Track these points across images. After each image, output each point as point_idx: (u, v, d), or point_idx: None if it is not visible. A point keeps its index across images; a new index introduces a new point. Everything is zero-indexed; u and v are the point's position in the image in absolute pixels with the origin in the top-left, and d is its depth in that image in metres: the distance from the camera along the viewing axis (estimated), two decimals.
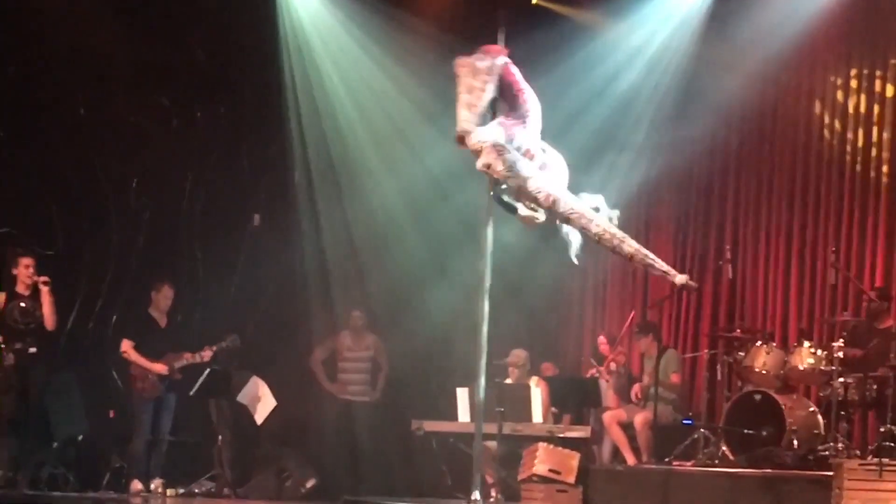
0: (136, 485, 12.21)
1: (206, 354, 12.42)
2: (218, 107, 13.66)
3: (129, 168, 13.33)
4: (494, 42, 8.67)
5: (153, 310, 12.52)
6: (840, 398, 11.23)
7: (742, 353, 11.86)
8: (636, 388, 12.57)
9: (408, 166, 13.80)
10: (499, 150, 8.30)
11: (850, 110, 12.91)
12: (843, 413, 11.32)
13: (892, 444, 10.74)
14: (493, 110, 8.61)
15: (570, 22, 13.45)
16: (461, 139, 8.35)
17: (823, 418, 11.38)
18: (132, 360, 12.27)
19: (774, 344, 11.89)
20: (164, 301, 12.53)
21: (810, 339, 11.84)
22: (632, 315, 13.16)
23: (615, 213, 8.44)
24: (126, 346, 12.33)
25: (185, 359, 12.35)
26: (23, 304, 11.71)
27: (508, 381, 12.48)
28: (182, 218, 13.65)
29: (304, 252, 13.88)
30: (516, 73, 8.57)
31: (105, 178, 13.26)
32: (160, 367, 12.26)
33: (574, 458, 11.39)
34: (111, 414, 12.83)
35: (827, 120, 13.08)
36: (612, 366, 12.74)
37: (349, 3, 13.43)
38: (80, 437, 12.41)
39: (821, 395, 11.72)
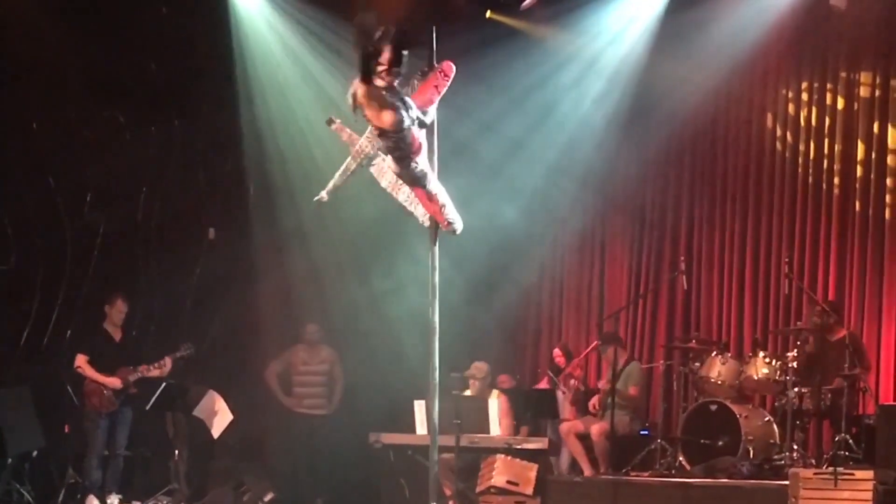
0: (92, 500, 12.12)
1: (166, 363, 12.35)
2: (172, 120, 13.59)
3: (84, 182, 13.23)
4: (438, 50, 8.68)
5: (107, 324, 12.45)
6: (795, 408, 11.33)
7: (698, 364, 11.96)
8: (594, 399, 12.60)
9: (366, 178, 13.75)
10: None
11: (802, 123, 13.04)
12: (798, 422, 11.43)
13: (847, 453, 10.86)
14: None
15: (525, 37, 13.49)
16: None
17: (779, 428, 11.49)
18: (87, 375, 12.20)
19: (730, 354, 12.00)
20: (118, 315, 12.47)
21: (765, 350, 11.97)
22: (594, 343, 13.13)
23: None
24: (80, 360, 12.24)
25: (141, 371, 12.29)
26: None
27: (468, 392, 12.49)
28: (137, 232, 13.58)
29: (259, 265, 13.84)
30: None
31: (59, 192, 13.17)
32: (114, 382, 12.19)
33: (532, 470, 11.44)
34: (66, 429, 12.72)
35: (779, 132, 13.20)
36: (573, 382, 12.76)
37: (304, 16, 13.40)
38: (35, 453, 12.29)
39: (776, 404, 11.82)
